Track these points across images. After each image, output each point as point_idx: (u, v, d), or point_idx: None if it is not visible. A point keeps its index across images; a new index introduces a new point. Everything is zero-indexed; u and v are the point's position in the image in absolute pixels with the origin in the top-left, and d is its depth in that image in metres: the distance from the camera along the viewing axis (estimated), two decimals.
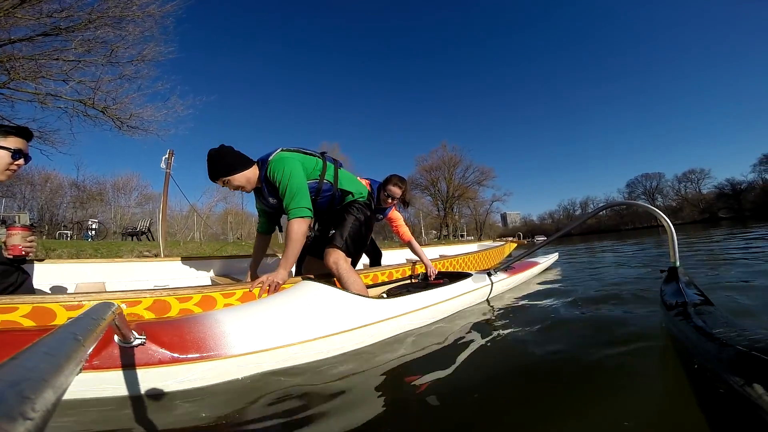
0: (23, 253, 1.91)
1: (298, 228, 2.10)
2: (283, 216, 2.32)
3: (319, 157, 2.43)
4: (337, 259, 2.26)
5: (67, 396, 0.43)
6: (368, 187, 3.12)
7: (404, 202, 3.28)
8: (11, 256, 1.87)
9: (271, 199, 2.33)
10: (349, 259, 2.34)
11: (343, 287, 2.18)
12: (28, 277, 1.98)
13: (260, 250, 2.74)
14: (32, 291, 2.02)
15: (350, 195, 2.53)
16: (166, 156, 5.39)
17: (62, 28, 9.47)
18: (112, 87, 10.63)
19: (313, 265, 2.74)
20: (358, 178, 3.18)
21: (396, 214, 3.45)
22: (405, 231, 3.45)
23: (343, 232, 2.35)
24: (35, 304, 1.55)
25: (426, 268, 3.16)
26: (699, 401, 1.06)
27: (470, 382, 1.35)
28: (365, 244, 2.55)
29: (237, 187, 2.26)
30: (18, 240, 1.89)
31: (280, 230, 2.69)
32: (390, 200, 3.12)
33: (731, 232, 11.26)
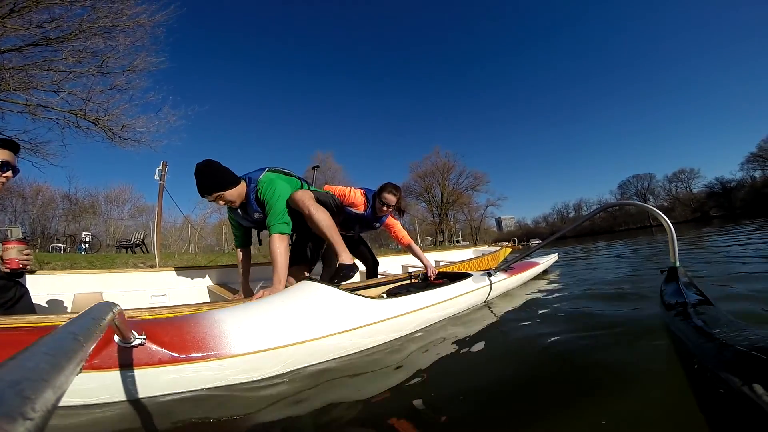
0: (21, 266, 1.91)
1: (280, 242, 2.23)
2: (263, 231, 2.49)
3: (297, 178, 2.66)
4: None
5: (66, 397, 0.42)
6: (362, 197, 3.20)
7: (399, 210, 3.31)
8: (8, 270, 1.88)
9: (256, 215, 2.43)
10: None
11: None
12: (26, 291, 1.98)
13: (246, 264, 2.82)
14: (31, 305, 2.01)
15: None
16: (160, 167, 5.37)
17: (52, 38, 9.44)
18: (103, 98, 10.61)
19: (292, 274, 2.77)
20: (353, 188, 3.26)
21: (393, 220, 3.46)
22: (404, 235, 3.46)
23: None
24: (39, 324, 1.54)
25: (426, 269, 3.17)
26: (699, 401, 1.06)
27: (470, 383, 1.35)
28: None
29: (227, 202, 2.33)
30: (15, 253, 1.90)
31: (260, 243, 2.83)
32: (385, 208, 3.14)
33: (723, 229, 11.37)
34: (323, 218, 2.30)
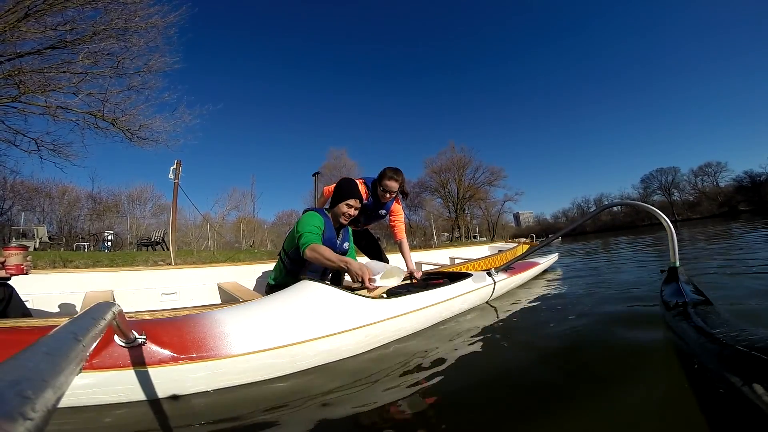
0: (25, 271, 1.99)
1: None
2: None
3: None
4: None
5: (66, 397, 0.43)
6: (362, 186, 3.06)
7: (403, 193, 3.20)
8: (9, 275, 1.95)
9: (345, 245, 2.65)
10: None
11: None
12: (13, 290, 2.05)
13: None
14: (23, 304, 2.10)
15: None
16: (174, 166, 5.48)
17: (68, 41, 9.62)
18: (120, 98, 10.78)
19: None
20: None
21: (397, 208, 3.29)
22: (400, 229, 3.30)
23: None
24: (39, 325, 1.59)
25: (409, 271, 2.98)
26: (699, 401, 1.06)
27: (470, 382, 1.36)
28: None
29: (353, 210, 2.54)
30: (20, 259, 1.98)
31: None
32: (388, 195, 3.03)
33: (748, 225, 11.07)
34: None
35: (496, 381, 1.37)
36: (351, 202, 2.48)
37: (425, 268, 3.82)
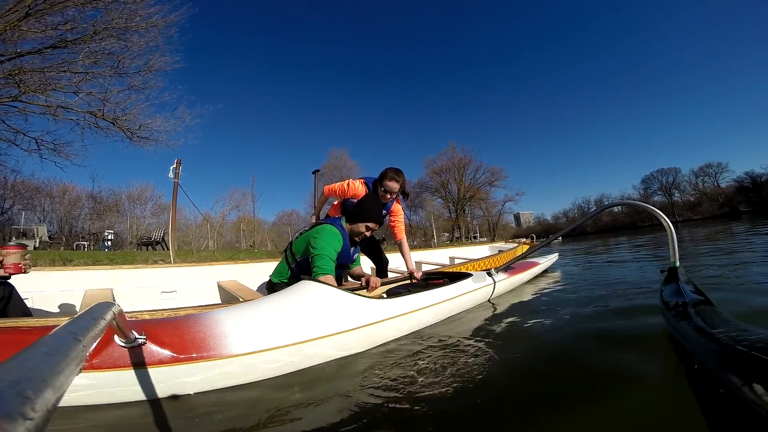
0: (23, 270, 1.98)
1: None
2: None
3: None
4: None
5: (66, 397, 0.43)
6: (363, 186, 3.06)
7: (404, 194, 3.21)
8: (8, 274, 1.95)
9: (355, 255, 2.70)
10: None
11: None
12: (13, 288, 2.05)
13: None
14: (22, 302, 2.10)
15: None
16: (174, 166, 5.48)
17: (68, 41, 9.62)
18: (120, 98, 10.76)
19: None
20: (351, 180, 3.16)
21: (397, 208, 3.30)
22: (400, 229, 3.33)
23: None
24: (39, 325, 1.59)
25: (409, 271, 3.01)
26: (699, 401, 1.06)
27: (470, 383, 1.35)
28: None
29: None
30: (18, 258, 1.97)
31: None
32: (389, 195, 3.03)
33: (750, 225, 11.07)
34: None
35: (495, 382, 1.36)
36: (372, 225, 2.47)
37: (425, 268, 3.81)
